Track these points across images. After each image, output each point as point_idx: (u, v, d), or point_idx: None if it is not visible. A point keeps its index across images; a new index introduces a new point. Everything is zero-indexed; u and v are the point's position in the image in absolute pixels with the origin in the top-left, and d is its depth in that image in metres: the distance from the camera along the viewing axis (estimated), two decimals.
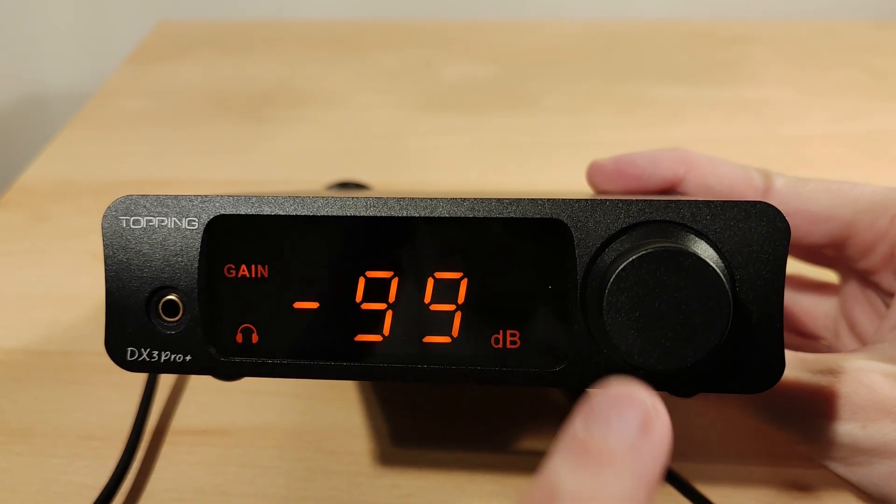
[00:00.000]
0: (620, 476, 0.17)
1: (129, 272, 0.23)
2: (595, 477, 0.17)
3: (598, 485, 0.17)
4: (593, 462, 0.17)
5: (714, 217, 0.22)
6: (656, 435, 0.18)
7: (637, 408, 0.18)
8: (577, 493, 0.17)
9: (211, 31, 0.78)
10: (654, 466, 0.17)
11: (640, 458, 0.17)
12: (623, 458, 0.17)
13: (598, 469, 0.17)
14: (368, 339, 0.24)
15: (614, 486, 0.17)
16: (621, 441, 0.17)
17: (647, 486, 0.17)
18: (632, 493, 0.17)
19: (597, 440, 0.18)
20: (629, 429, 0.18)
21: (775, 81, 0.65)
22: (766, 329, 0.22)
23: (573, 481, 0.17)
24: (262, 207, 0.23)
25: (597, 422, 0.18)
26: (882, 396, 0.25)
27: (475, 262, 0.23)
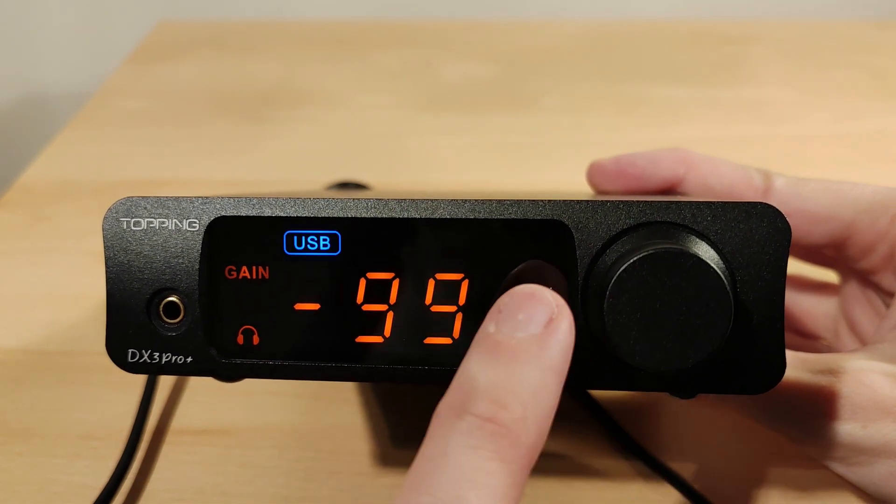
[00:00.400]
0: (530, 367, 0.19)
1: (130, 274, 0.23)
2: (507, 369, 0.19)
3: (511, 376, 0.18)
4: (505, 356, 0.19)
5: (715, 218, 0.22)
6: (560, 330, 0.19)
7: (542, 306, 0.19)
8: (493, 384, 0.18)
9: (211, 31, 0.78)
10: (560, 359, 0.19)
11: (547, 351, 0.19)
12: (530, 351, 0.19)
13: (510, 362, 0.19)
14: (369, 340, 0.24)
15: (526, 377, 0.18)
16: (529, 336, 0.19)
17: (556, 375, 0.19)
18: (542, 382, 0.19)
19: (507, 337, 0.19)
20: (536, 325, 0.19)
21: (775, 81, 0.65)
22: (767, 330, 0.22)
23: (488, 375, 0.19)
24: (263, 209, 0.23)
25: (506, 320, 0.19)
26: (882, 396, 0.25)
27: (476, 263, 0.23)
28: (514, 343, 0.19)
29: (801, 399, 0.25)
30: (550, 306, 0.19)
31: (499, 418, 0.18)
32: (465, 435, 0.18)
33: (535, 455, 0.18)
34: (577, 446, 0.34)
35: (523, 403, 0.18)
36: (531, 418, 0.18)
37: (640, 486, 0.32)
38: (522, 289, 0.20)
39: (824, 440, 0.25)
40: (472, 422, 0.18)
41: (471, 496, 0.17)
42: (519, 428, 0.18)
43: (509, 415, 0.18)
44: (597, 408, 0.35)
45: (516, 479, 0.18)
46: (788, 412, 0.26)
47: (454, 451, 0.17)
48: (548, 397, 0.19)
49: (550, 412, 0.19)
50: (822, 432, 0.25)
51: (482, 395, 0.18)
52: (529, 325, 0.19)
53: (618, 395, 0.36)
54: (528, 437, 0.18)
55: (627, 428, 0.34)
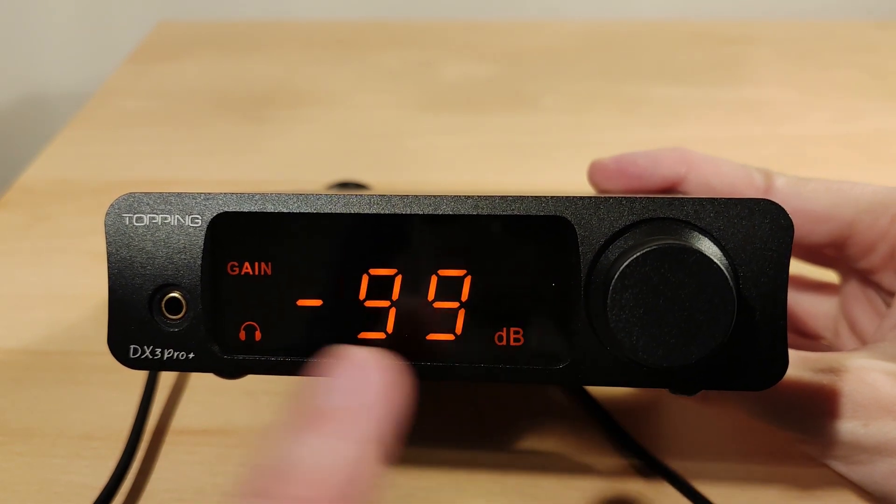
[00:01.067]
0: (346, 439, 0.17)
1: (133, 270, 0.23)
2: (320, 441, 0.17)
3: (324, 449, 0.17)
4: (318, 428, 0.17)
5: (718, 214, 0.22)
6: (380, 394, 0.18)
7: (362, 371, 0.18)
8: (303, 459, 0.17)
9: (211, 31, 0.78)
10: (380, 424, 0.17)
11: (364, 418, 0.17)
12: (346, 421, 0.17)
13: (323, 434, 0.17)
14: (372, 336, 0.24)
15: (340, 449, 0.17)
16: (343, 404, 0.17)
17: (377, 443, 0.17)
18: (359, 453, 0.17)
19: (319, 406, 0.17)
20: (352, 392, 0.18)
21: (775, 81, 0.65)
22: (770, 326, 0.22)
23: (301, 450, 0.17)
24: (266, 205, 0.23)
25: (320, 389, 0.18)
26: (883, 395, 0.25)
27: (479, 259, 0.23)
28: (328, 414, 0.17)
29: (802, 397, 0.25)
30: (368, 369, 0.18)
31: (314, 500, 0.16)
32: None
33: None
34: (576, 446, 0.34)
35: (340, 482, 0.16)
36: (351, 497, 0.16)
37: (640, 486, 0.32)
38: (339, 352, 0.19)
39: (825, 438, 0.25)
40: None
41: None
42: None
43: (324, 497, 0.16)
44: (596, 407, 0.35)
45: None
46: (789, 410, 0.26)
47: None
48: (368, 471, 0.17)
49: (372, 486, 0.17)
50: (824, 430, 0.25)
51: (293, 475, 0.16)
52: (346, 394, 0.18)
53: (618, 393, 0.36)
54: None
55: (627, 427, 0.34)
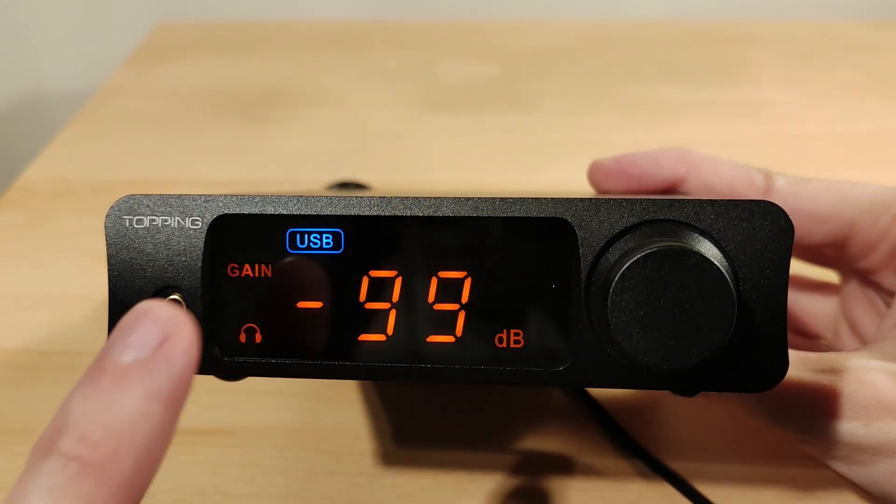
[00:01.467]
0: (129, 394, 0.17)
1: (133, 271, 0.23)
2: (102, 398, 0.17)
3: (104, 406, 0.17)
4: (106, 384, 0.17)
5: (718, 216, 0.22)
6: (173, 353, 0.18)
7: (153, 326, 0.18)
8: (84, 416, 0.17)
9: (211, 31, 0.78)
10: (168, 383, 0.17)
11: (153, 375, 0.17)
12: (133, 375, 0.17)
13: (108, 390, 0.17)
14: (372, 338, 0.24)
15: (123, 405, 0.17)
16: (134, 358, 0.17)
17: (163, 403, 0.17)
18: (143, 410, 0.17)
19: (112, 362, 0.17)
20: (145, 346, 0.18)
21: (775, 81, 0.65)
22: (770, 328, 0.22)
23: (82, 406, 0.17)
24: (266, 207, 0.23)
25: (115, 344, 0.18)
26: (884, 395, 0.25)
27: (479, 261, 0.23)
28: (119, 369, 0.17)
29: (802, 398, 0.25)
30: (165, 325, 0.18)
31: (83, 456, 0.16)
32: (47, 477, 0.16)
33: (134, 492, 0.17)
34: (576, 446, 0.34)
35: (117, 436, 0.16)
36: (126, 452, 0.16)
37: (640, 486, 0.32)
38: (139, 307, 0.18)
39: (826, 439, 0.25)
40: (56, 462, 0.16)
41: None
42: (108, 464, 0.16)
43: (95, 451, 0.16)
44: (596, 407, 0.35)
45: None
46: (790, 411, 0.26)
47: (35, 496, 0.16)
48: (151, 427, 0.17)
49: (157, 442, 0.17)
50: (824, 431, 0.25)
51: (70, 430, 0.16)
52: (139, 347, 0.18)
53: (618, 394, 0.36)
54: (121, 473, 0.16)
55: (627, 428, 0.34)
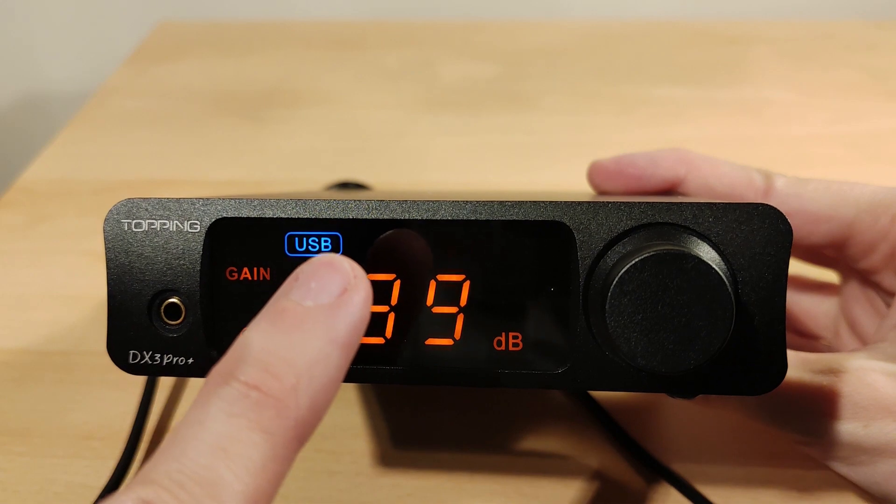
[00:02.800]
0: (311, 336, 0.17)
1: (132, 275, 0.23)
2: (286, 337, 0.17)
3: (288, 344, 0.17)
4: (288, 324, 0.18)
5: (716, 219, 0.22)
6: (352, 303, 0.18)
7: (337, 276, 0.18)
8: (267, 351, 0.17)
9: (211, 31, 0.78)
10: (347, 331, 0.18)
11: (334, 321, 0.18)
12: (316, 320, 0.18)
13: (291, 330, 0.18)
14: (371, 341, 0.24)
15: (305, 346, 0.17)
16: (317, 304, 0.18)
17: (341, 349, 0.18)
18: (322, 353, 0.17)
19: (294, 304, 0.18)
20: (327, 294, 0.18)
21: (775, 81, 0.65)
22: (769, 331, 0.22)
23: (264, 342, 0.17)
24: (264, 210, 0.23)
25: (298, 288, 0.18)
26: (884, 395, 0.25)
27: (477, 264, 0.23)
28: (301, 311, 0.18)
29: (802, 399, 0.25)
30: (347, 276, 0.19)
31: (265, 386, 0.17)
32: (227, 402, 0.17)
33: (306, 430, 0.17)
34: (577, 446, 0.34)
35: (297, 373, 0.17)
36: (304, 390, 0.17)
37: (641, 487, 0.32)
38: (322, 257, 0.19)
39: (826, 440, 0.25)
40: (237, 388, 0.17)
41: (220, 466, 0.16)
42: (288, 398, 0.17)
43: (278, 384, 0.17)
44: (597, 408, 0.35)
45: (278, 453, 0.16)
46: (789, 412, 0.26)
47: (213, 418, 0.16)
48: (327, 370, 0.17)
49: (330, 387, 0.18)
50: (824, 432, 0.25)
51: (253, 362, 0.17)
52: (321, 294, 0.18)
53: (618, 394, 0.36)
54: (298, 409, 0.17)
55: (628, 428, 0.34)
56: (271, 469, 0.16)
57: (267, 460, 0.16)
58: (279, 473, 0.16)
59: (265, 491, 0.16)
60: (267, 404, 0.16)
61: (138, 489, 0.15)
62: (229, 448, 0.16)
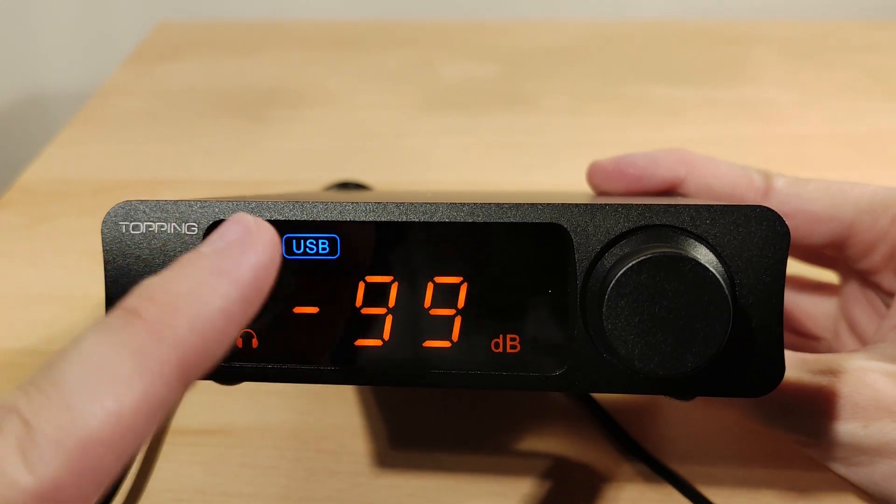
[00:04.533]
0: (198, 269, 0.18)
1: (130, 278, 0.23)
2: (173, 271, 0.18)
3: (171, 275, 0.18)
4: (179, 263, 0.18)
5: (714, 221, 0.22)
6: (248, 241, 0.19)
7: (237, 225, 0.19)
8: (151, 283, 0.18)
9: (211, 31, 0.78)
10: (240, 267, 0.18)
11: (225, 257, 0.18)
12: (205, 257, 0.18)
13: (180, 266, 0.18)
14: (368, 343, 0.24)
15: (188, 275, 0.18)
16: (211, 247, 0.19)
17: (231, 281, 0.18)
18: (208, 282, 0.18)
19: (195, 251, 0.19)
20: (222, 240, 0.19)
21: (775, 81, 0.65)
22: (766, 333, 0.22)
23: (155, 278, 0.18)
24: (262, 212, 0.23)
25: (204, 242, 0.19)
26: (883, 396, 0.25)
27: (475, 266, 0.23)
28: (194, 254, 0.18)
29: (801, 399, 0.25)
30: (246, 224, 0.19)
31: (142, 309, 0.17)
32: (103, 325, 0.17)
33: (185, 355, 0.17)
34: (577, 447, 0.34)
35: (176, 298, 0.17)
36: (184, 314, 0.17)
37: (641, 487, 0.32)
38: (232, 216, 0.20)
39: (825, 440, 0.25)
40: (117, 314, 0.17)
41: (82, 380, 0.16)
42: (164, 320, 0.17)
43: (155, 307, 0.17)
44: (597, 408, 0.35)
45: (148, 372, 0.16)
46: (789, 413, 0.26)
47: (87, 338, 0.16)
48: (214, 298, 0.17)
49: (218, 316, 0.17)
50: (823, 432, 0.25)
51: (136, 292, 0.17)
52: (217, 241, 0.19)
53: (618, 395, 0.36)
54: (177, 333, 0.17)
55: (627, 428, 0.34)
56: (138, 386, 0.16)
57: (133, 375, 0.16)
58: (149, 393, 0.16)
59: (128, 406, 0.16)
60: (139, 324, 0.17)
61: (2, 396, 0.15)
62: (93, 359, 0.16)
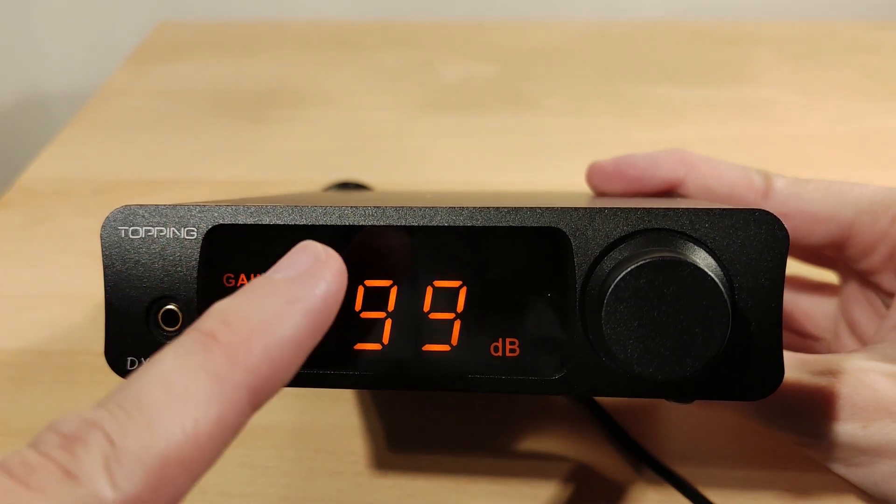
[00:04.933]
0: (273, 297, 0.18)
1: (129, 282, 0.23)
2: (248, 297, 0.18)
3: (247, 302, 0.18)
4: (253, 289, 0.19)
5: (713, 225, 0.22)
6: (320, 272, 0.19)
7: (306, 254, 0.20)
8: (227, 307, 0.18)
9: (211, 31, 0.78)
10: (312, 295, 0.19)
11: (298, 286, 0.19)
12: (279, 285, 0.19)
13: (254, 292, 0.19)
14: (368, 347, 0.24)
15: (264, 304, 0.18)
16: (285, 276, 0.19)
17: (303, 310, 0.18)
18: (282, 310, 0.18)
19: (265, 278, 0.19)
20: (294, 268, 0.19)
21: (775, 81, 0.65)
22: (765, 336, 0.22)
23: (229, 301, 0.18)
24: (261, 217, 0.23)
25: (274, 268, 0.20)
26: (883, 396, 0.25)
27: (474, 270, 0.23)
28: (266, 280, 0.19)
29: (801, 400, 0.25)
30: (316, 253, 0.20)
31: (218, 333, 0.17)
32: (181, 346, 0.17)
33: (259, 380, 0.17)
34: (578, 447, 0.34)
35: (251, 325, 0.18)
36: (258, 341, 0.17)
37: (641, 487, 0.33)
38: (300, 243, 0.20)
39: (825, 441, 0.25)
40: (193, 336, 0.17)
41: (163, 401, 0.16)
42: (240, 346, 0.17)
43: (230, 331, 0.17)
44: (598, 409, 0.35)
45: (224, 395, 0.17)
46: (788, 413, 0.26)
47: (165, 360, 0.17)
48: (286, 328, 0.18)
49: (288, 345, 0.18)
50: (823, 433, 0.25)
51: (212, 316, 0.18)
52: (289, 269, 0.19)
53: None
54: (249, 357, 0.17)
55: (628, 429, 0.34)
56: (214, 409, 0.16)
57: (210, 399, 0.16)
58: (224, 418, 0.16)
59: (204, 428, 0.16)
60: (216, 349, 0.17)
61: (86, 412, 0.16)
62: (173, 381, 0.16)
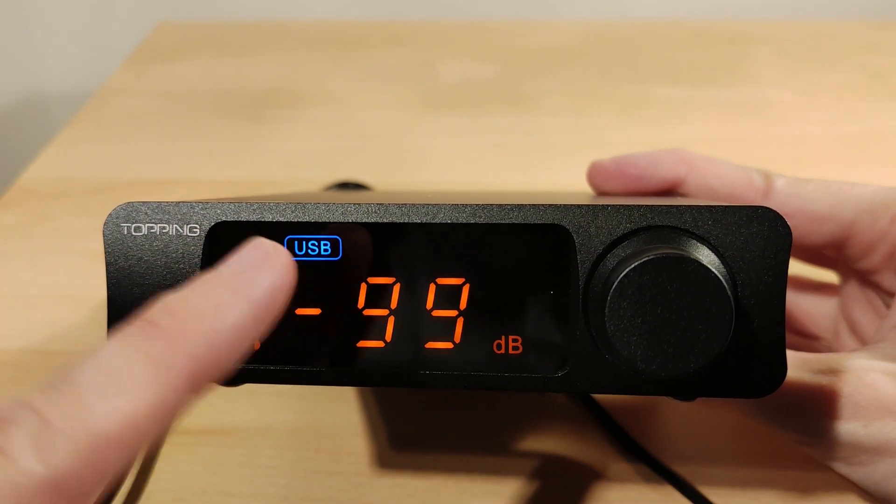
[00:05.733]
0: (217, 287, 0.18)
1: (131, 279, 0.23)
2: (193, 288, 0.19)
3: (191, 292, 0.18)
4: (198, 281, 0.19)
5: (716, 222, 0.22)
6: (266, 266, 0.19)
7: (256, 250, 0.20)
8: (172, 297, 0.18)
9: (211, 31, 0.78)
10: (256, 287, 0.19)
11: (243, 278, 0.19)
12: (224, 277, 0.19)
13: (199, 284, 0.19)
14: (370, 345, 0.24)
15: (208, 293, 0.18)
16: (230, 268, 0.19)
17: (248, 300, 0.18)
18: (226, 300, 0.18)
19: (214, 272, 0.19)
20: (241, 263, 0.19)
21: (776, 81, 0.65)
22: (768, 334, 0.22)
23: (176, 293, 0.18)
24: (264, 214, 0.23)
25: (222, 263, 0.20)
26: (883, 395, 0.25)
27: (477, 267, 0.23)
28: (213, 274, 0.19)
29: (802, 399, 0.25)
30: (264, 248, 0.20)
31: (160, 320, 0.17)
32: (124, 334, 0.17)
33: (197, 366, 0.17)
34: (578, 447, 0.34)
35: (194, 313, 0.18)
36: (199, 327, 0.17)
37: (641, 487, 0.33)
38: (250, 240, 0.20)
39: (826, 440, 0.25)
40: (136, 324, 0.17)
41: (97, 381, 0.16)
42: (181, 332, 0.17)
43: (173, 320, 0.17)
44: (598, 409, 0.35)
45: (162, 379, 0.17)
46: (789, 412, 0.26)
47: (106, 347, 0.17)
48: (229, 315, 0.18)
49: (231, 331, 0.18)
50: (824, 432, 0.25)
51: (156, 306, 0.18)
52: (236, 263, 0.19)
53: (619, 396, 0.36)
54: (192, 345, 0.17)
55: (628, 429, 0.34)
56: (152, 391, 0.16)
57: (148, 381, 0.16)
58: (163, 400, 0.16)
59: (141, 410, 0.16)
60: (157, 334, 0.17)
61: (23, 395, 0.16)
62: (110, 364, 0.16)
